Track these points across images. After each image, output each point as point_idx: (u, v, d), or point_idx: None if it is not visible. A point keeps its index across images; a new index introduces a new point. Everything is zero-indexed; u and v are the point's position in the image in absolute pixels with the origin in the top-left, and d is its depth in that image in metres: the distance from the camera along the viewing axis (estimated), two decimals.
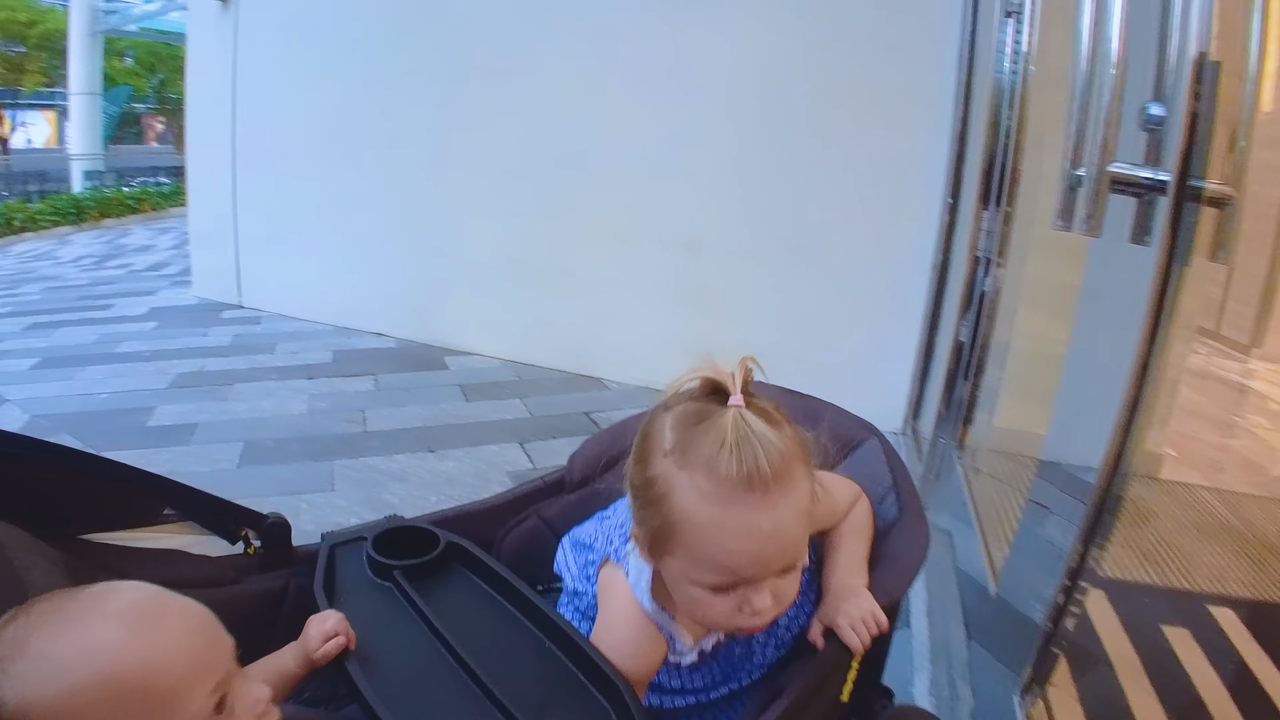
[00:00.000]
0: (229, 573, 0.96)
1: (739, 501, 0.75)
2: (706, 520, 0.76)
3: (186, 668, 0.63)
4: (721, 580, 0.78)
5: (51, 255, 8.49)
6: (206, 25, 5.10)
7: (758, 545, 0.76)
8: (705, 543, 0.76)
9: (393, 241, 4.50)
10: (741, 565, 0.77)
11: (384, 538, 1.03)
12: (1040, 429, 2.54)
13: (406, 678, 0.85)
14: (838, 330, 3.30)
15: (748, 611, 0.79)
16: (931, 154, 2.92)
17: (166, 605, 0.67)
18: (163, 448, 2.83)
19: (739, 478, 0.74)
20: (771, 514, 0.75)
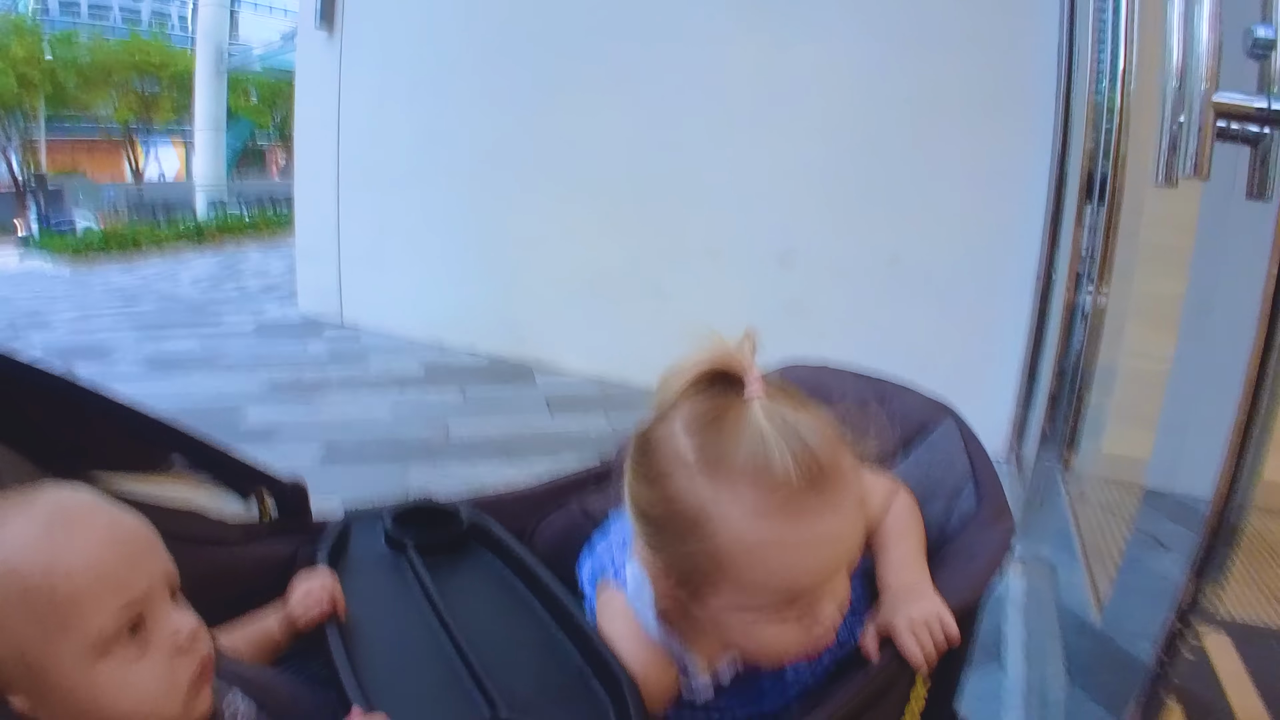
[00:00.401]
0: (237, 533, 0.93)
1: (802, 509, 0.63)
2: (765, 539, 0.64)
3: (93, 577, 0.59)
4: (786, 599, 0.66)
5: (172, 275, 9.04)
6: (313, 53, 5.37)
7: (828, 553, 0.66)
8: (764, 565, 0.65)
9: (486, 258, 4.58)
10: (810, 582, 0.66)
11: (409, 515, 0.99)
12: (1145, 454, 2.34)
13: (392, 655, 0.80)
14: (937, 347, 3.14)
15: (809, 625, 0.68)
16: (1033, 158, 2.77)
17: (94, 513, 0.62)
18: (249, 445, 2.86)
19: (799, 480, 0.62)
20: (837, 514, 0.65)
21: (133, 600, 0.60)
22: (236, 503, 0.98)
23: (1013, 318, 2.91)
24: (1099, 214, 2.21)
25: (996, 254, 2.99)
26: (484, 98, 4.42)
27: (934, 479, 0.96)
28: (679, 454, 0.67)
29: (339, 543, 0.95)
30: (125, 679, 0.60)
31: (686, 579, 0.68)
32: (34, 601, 0.57)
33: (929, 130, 3.08)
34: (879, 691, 0.73)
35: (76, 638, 0.58)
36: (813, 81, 3.33)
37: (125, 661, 0.60)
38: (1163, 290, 2.27)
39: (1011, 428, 2.91)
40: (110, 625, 0.59)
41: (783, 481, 0.62)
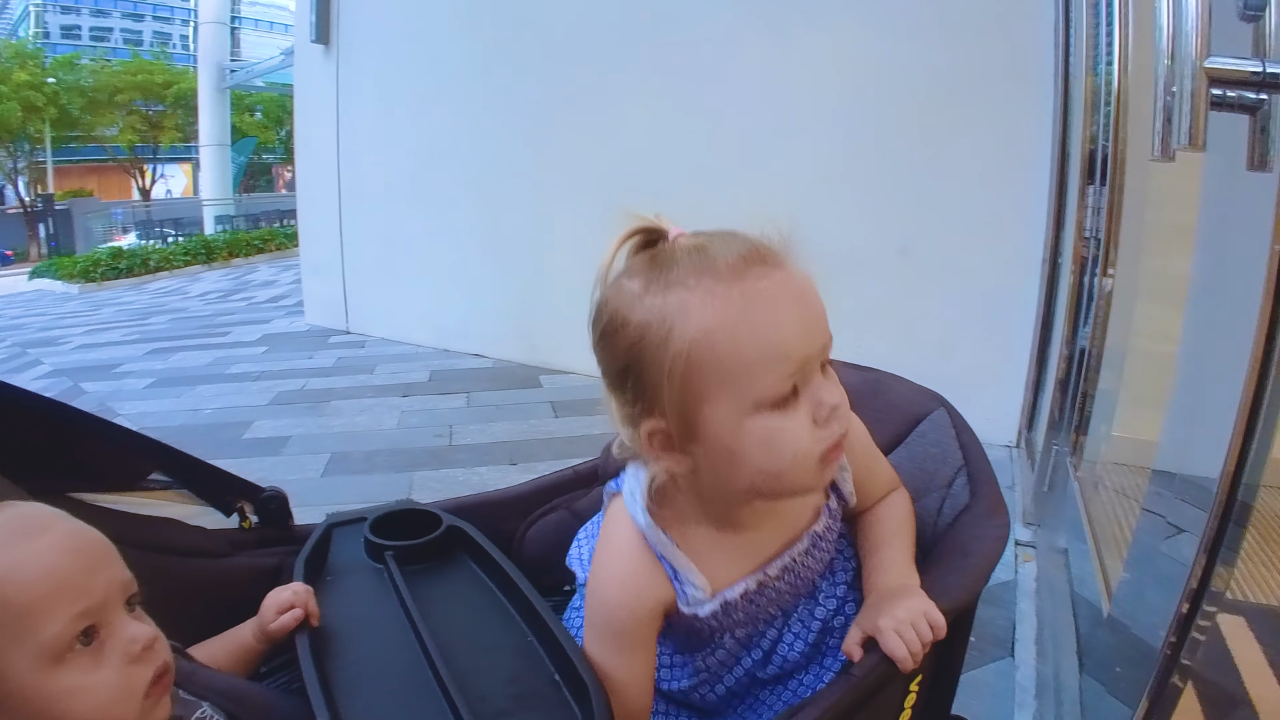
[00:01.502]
0: (221, 545, 0.93)
1: (754, 275, 0.66)
2: (728, 313, 0.64)
3: (48, 586, 0.59)
4: (780, 374, 0.65)
5: (182, 291, 9.11)
6: (311, 68, 5.40)
7: (795, 313, 0.67)
8: (736, 341, 0.64)
9: (490, 265, 4.58)
10: (790, 338, 0.65)
11: (391, 520, 0.98)
12: (1155, 436, 2.30)
13: (364, 663, 0.79)
14: (948, 336, 3.12)
15: (824, 417, 0.67)
16: (1037, 143, 2.74)
17: (52, 524, 0.63)
18: (255, 458, 2.95)
19: (740, 260, 0.66)
20: (790, 277, 0.68)
21: (88, 608, 0.61)
22: (220, 518, 0.98)
23: (1022, 303, 2.88)
24: (1101, 195, 2.18)
25: (1004, 240, 2.96)
26: (485, 105, 4.42)
27: (927, 471, 0.94)
28: (629, 294, 0.69)
29: (319, 551, 0.95)
30: (80, 687, 0.60)
31: (677, 411, 0.67)
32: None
33: (933, 119, 3.05)
34: (867, 695, 0.70)
35: (30, 645, 0.58)
36: (816, 74, 3.31)
37: (80, 670, 0.60)
38: (1170, 269, 2.23)
39: (1022, 414, 2.88)
40: (64, 633, 0.59)
41: (725, 264, 0.66)
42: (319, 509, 1.02)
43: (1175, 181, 2.01)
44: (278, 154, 30.88)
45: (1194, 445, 2.12)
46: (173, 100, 25.27)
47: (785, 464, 0.67)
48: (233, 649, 0.84)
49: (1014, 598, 1.98)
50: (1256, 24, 0.92)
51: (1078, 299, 2.30)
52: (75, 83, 24.45)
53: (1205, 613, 1.17)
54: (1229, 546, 1.13)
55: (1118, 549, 1.90)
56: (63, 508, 0.66)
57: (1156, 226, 2.10)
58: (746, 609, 0.78)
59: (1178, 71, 0.91)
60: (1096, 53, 2.22)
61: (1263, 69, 0.88)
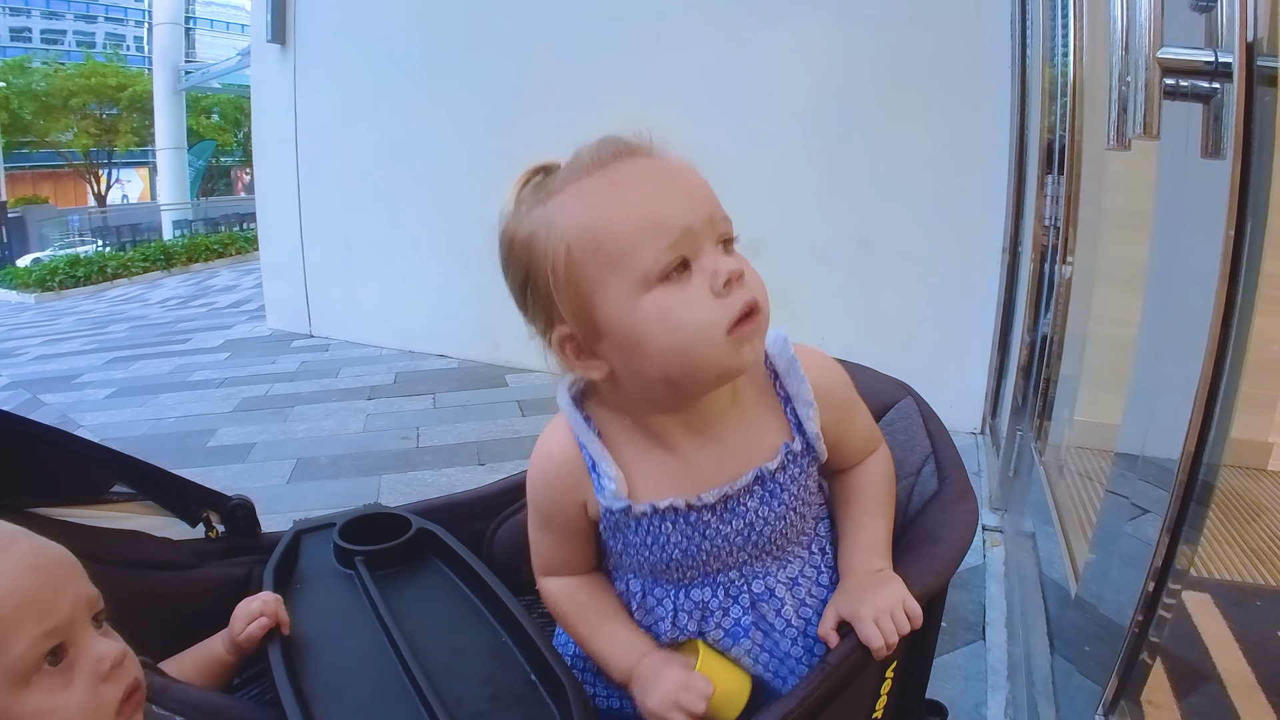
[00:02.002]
0: (188, 557, 0.91)
1: (619, 163, 0.69)
2: (599, 198, 0.67)
3: (11, 606, 0.57)
4: (660, 246, 0.65)
5: (141, 298, 8.94)
6: (268, 68, 5.31)
7: (665, 182, 0.68)
8: (613, 218, 0.66)
9: (451, 265, 4.53)
10: (663, 209, 0.66)
11: (360, 525, 0.96)
12: (1116, 419, 2.35)
13: (338, 670, 0.78)
14: (911, 326, 3.15)
15: (721, 286, 0.65)
16: (995, 133, 2.78)
17: (13, 541, 0.61)
18: (219, 465, 2.90)
19: (607, 151, 0.70)
20: (659, 160, 0.70)
21: (55, 627, 0.59)
22: (185, 527, 0.96)
23: (982, 292, 2.91)
24: (1060, 184, 2.21)
25: (964, 230, 2.99)
26: (441, 104, 4.38)
27: (895, 459, 0.94)
28: (516, 216, 0.72)
29: (288, 558, 0.93)
30: (48, 708, 0.58)
31: (574, 310, 0.69)
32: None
33: (891, 112, 3.07)
34: (843, 683, 0.70)
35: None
36: (773, 69, 3.31)
37: (49, 691, 0.58)
38: (1128, 255, 2.27)
39: (987, 401, 2.92)
40: (30, 653, 0.57)
41: (591, 160, 0.70)
42: (286, 516, 1.01)
43: (1132, 168, 2.05)
44: (236, 157, 30.41)
45: (1155, 427, 2.16)
46: (127, 103, 24.76)
47: (689, 338, 0.66)
48: (205, 662, 0.83)
49: (983, 582, 2.01)
50: (1208, 15, 0.93)
51: (1038, 286, 2.33)
52: (26, 86, 23.87)
53: (1170, 590, 1.19)
54: (1191, 525, 1.15)
55: (1083, 531, 1.93)
56: (23, 524, 0.64)
57: (1114, 213, 2.14)
58: (683, 536, 0.76)
59: (1132, 62, 0.92)
60: (1053, 44, 2.25)
61: (1215, 59, 0.89)
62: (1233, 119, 0.89)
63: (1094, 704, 1.34)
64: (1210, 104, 0.93)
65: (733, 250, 0.70)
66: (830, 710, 0.68)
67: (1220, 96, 0.93)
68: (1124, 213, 2.05)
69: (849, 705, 0.74)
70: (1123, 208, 2.13)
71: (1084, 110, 2.06)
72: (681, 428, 0.75)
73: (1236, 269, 0.97)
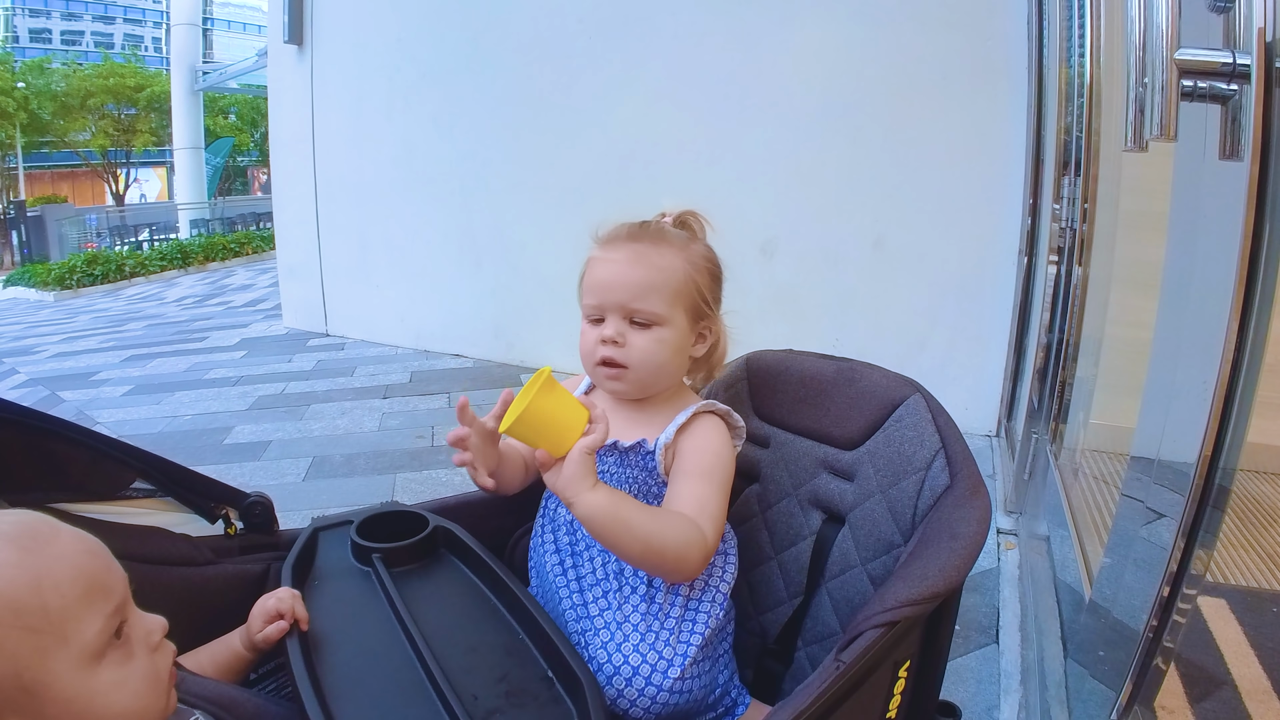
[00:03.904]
0: (206, 553, 0.92)
1: (607, 246, 1.03)
2: (590, 259, 1.04)
3: (82, 587, 0.60)
4: (589, 303, 1.01)
5: (158, 296, 9.00)
6: (284, 69, 5.34)
7: (610, 269, 1.00)
8: (586, 274, 1.03)
9: (466, 264, 4.55)
10: (596, 282, 1.00)
11: (377, 523, 0.97)
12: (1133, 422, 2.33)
13: (355, 666, 0.79)
14: (926, 328, 3.14)
15: (600, 339, 0.98)
16: (1011, 134, 2.76)
17: (57, 527, 0.63)
18: (235, 463, 2.92)
19: (611, 235, 1.05)
20: (628, 250, 1.00)
21: (118, 605, 0.62)
22: (203, 523, 0.97)
23: (999, 294, 2.90)
24: (1076, 186, 2.20)
25: (979, 232, 2.98)
26: (457, 104, 4.40)
27: (905, 454, 0.95)
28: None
29: (306, 555, 0.94)
30: (121, 680, 0.61)
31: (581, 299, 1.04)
32: (28, 619, 0.57)
33: (907, 113, 3.07)
34: (857, 680, 0.71)
35: (76, 647, 0.59)
36: (788, 69, 3.31)
37: (117, 664, 0.61)
38: (1144, 257, 2.25)
39: (1002, 404, 2.91)
40: (105, 631, 0.60)
41: (606, 236, 1.05)
42: (301, 514, 1.02)
43: (1148, 171, 2.03)
44: (253, 156, 30.59)
45: (1170, 431, 2.15)
46: (145, 103, 24.95)
47: (583, 350, 1.02)
48: (222, 657, 0.84)
49: (997, 585, 2.00)
50: (1226, 15, 0.93)
51: (1055, 288, 2.32)
52: (46, 87, 24.08)
53: (1185, 595, 1.18)
54: (1207, 530, 1.15)
55: (1098, 535, 1.92)
56: None
57: (1131, 215, 2.12)
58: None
59: (1149, 63, 0.92)
60: (1069, 45, 2.23)
61: (1233, 60, 0.89)
62: (1251, 120, 0.89)
63: (1107, 709, 1.33)
64: (1228, 105, 0.93)
65: (633, 324, 1.00)
66: (843, 710, 0.69)
67: (1238, 98, 0.93)
68: (1141, 214, 2.04)
69: (862, 704, 0.74)
70: (1139, 209, 2.12)
71: (1101, 111, 2.05)
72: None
73: (1254, 271, 0.97)
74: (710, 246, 1.09)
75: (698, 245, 1.06)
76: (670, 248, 1.01)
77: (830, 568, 1.02)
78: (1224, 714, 1.46)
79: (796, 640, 1.04)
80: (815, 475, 1.07)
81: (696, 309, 1.02)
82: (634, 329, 0.98)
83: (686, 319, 1.01)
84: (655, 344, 0.98)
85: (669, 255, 1.00)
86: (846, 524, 1.01)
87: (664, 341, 0.99)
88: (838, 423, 1.05)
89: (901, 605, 0.73)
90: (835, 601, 1.00)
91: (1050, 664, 1.61)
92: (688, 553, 0.88)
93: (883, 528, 0.96)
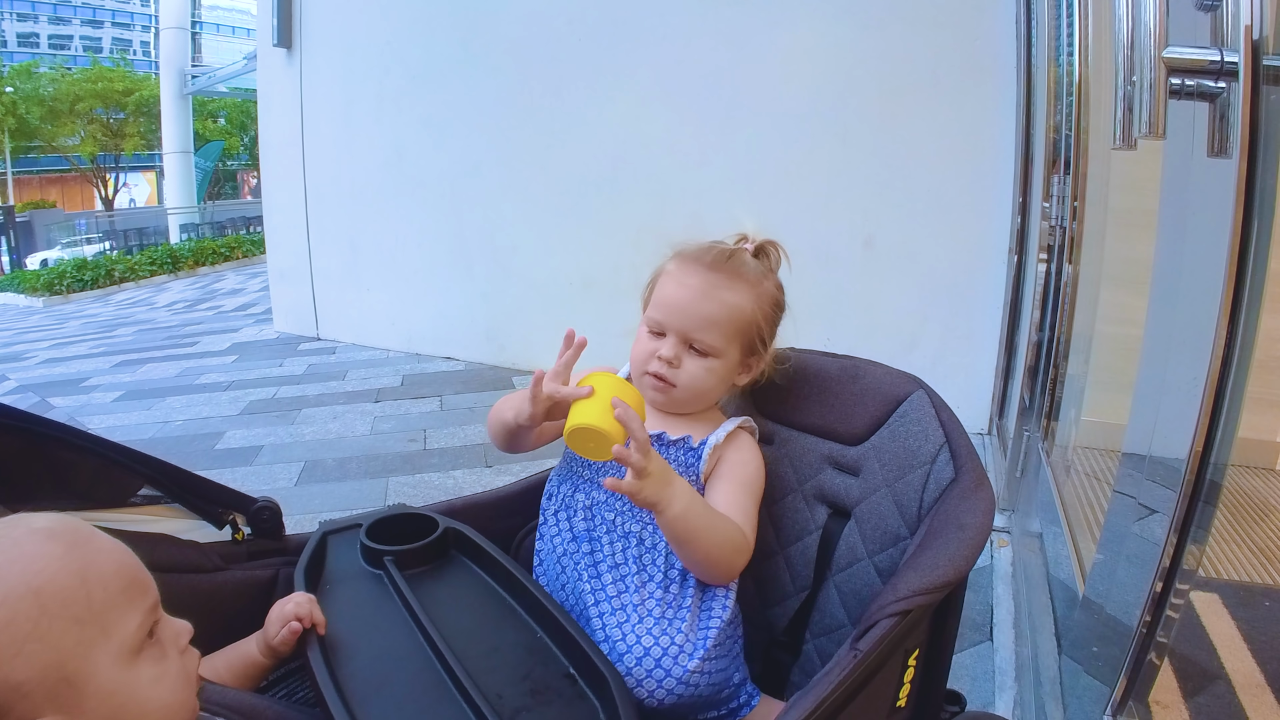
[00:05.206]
0: (214, 559, 0.91)
1: (686, 261, 1.05)
2: (666, 270, 1.06)
3: (124, 582, 0.61)
4: (654, 317, 1.03)
5: (148, 301, 8.97)
6: (274, 72, 5.33)
7: (682, 294, 1.02)
8: (657, 287, 1.06)
9: (457, 267, 4.55)
10: (666, 302, 1.03)
11: (386, 526, 0.97)
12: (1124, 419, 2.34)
13: (375, 669, 0.78)
14: (917, 326, 3.14)
15: (655, 354, 1.01)
16: (1000, 133, 2.77)
17: (91, 528, 0.63)
18: (227, 468, 2.91)
19: (695, 252, 1.05)
20: (704, 279, 1.02)
21: (154, 603, 0.63)
22: (210, 530, 0.97)
23: (989, 293, 2.91)
24: (1066, 184, 2.21)
25: (969, 230, 2.98)
26: (446, 107, 4.39)
27: (910, 449, 0.96)
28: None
29: (316, 559, 0.94)
30: (155, 676, 0.62)
31: (647, 298, 1.08)
32: (74, 610, 0.57)
33: (895, 112, 3.07)
34: (874, 668, 0.72)
35: (117, 640, 0.59)
36: (779, 71, 3.32)
37: (153, 660, 0.62)
38: (1134, 254, 2.26)
39: (993, 402, 2.91)
40: (143, 627, 0.61)
41: (691, 253, 1.06)
42: (294, 519, 1.01)
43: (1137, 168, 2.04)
44: (243, 160, 30.51)
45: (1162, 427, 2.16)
46: (134, 108, 24.87)
47: (634, 354, 1.06)
48: (238, 664, 0.84)
49: (991, 582, 2.00)
50: (1213, 14, 0.93)
51: (1045, 286, 2.33)
52: (34, 91, 24.00)
53: (1178, 590, 1.19)
54: (1199, 525, 1.15)
55: (1091, 531, 1.93)
56: None
57: (1120, 213, 2.13)
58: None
59: (1137, 61, 0.92)
60: (1058, 44, 2.24)
61: (1220, 58, 0.89)
62: (1238, 118, 0.89)
63: (1102, 704, 1.34)
64: (1216, 103, 0.93)
65: (691, 350, 1.03)
66: (860, 698, 0.71)
67: (1226, 95, 0.93)
68: (1130, 212, 2.05)
69: (877, 692, 0.76)
70: (1129, 207, 2.13)
71: (1089, 109, 2.06)
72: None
73: (1243, 268, 0.97)
74: (780, 283, 1.11)
75: (769, 283, 1.08)
76: (744, 285, 1.03)
77: (837, 561, 1.03)
78: (1218, 708, 1.46)
79: (804, 633, 1.05)
80: (820, 471, 1.08)
81: (752, 345, 1.05)
82: (690, 354, 1.02)
83: (740, 353, 1.05)
84: (705, 372, 1.02)
85: (741, 294, 1.03)
86: (852, 518, 1.02)
87: (713, 371, 1.02)
88: (842, 419, 1.06)
89: (914, 594, 0.75)
90: (843, 594, 1.01)
91: (1045, 660, 1.62)
92: (737, 559, 0.95)
93: (889, 521, 0.97)
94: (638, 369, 1.04)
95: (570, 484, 1.05)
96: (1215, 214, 1.03)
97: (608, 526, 0.99)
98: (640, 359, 1.04)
